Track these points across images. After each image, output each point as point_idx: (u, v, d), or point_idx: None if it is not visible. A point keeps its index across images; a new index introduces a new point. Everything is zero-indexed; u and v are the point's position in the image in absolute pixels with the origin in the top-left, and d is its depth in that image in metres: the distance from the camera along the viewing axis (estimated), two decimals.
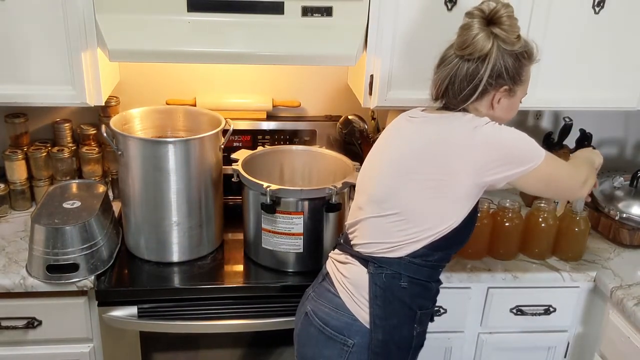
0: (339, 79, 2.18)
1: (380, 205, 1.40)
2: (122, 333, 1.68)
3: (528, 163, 1.33)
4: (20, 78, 1.67)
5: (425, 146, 1.36)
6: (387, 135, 1.51)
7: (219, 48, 1.64)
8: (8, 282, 1.60)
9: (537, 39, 1.77)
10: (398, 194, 1.37)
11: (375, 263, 1.39)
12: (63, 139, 2.04)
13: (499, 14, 1.33)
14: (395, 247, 1.37)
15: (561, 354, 1.93)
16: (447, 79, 1.37)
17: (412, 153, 1.37)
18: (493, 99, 1.38)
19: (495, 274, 1.77)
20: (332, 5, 1.65)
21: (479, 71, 1.33)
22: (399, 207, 1.36)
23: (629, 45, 1.82)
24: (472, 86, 1.35)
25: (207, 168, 1.72)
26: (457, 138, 1.33)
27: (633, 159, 2.42)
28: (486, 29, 1.33)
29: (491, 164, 1.31)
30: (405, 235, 1.37)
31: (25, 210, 1.99)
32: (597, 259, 1.87)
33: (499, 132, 1.33)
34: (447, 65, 1.37)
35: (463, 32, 1.35)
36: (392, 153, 1.43)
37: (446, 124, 1.37)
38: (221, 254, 1.84)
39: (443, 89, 1.39)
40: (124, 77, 2.08)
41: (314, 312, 1.45)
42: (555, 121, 2.31)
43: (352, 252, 1.45)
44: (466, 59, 1.34)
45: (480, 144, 1.31)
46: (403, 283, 1.38)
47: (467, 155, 1.31)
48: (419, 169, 1.35)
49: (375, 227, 1.41)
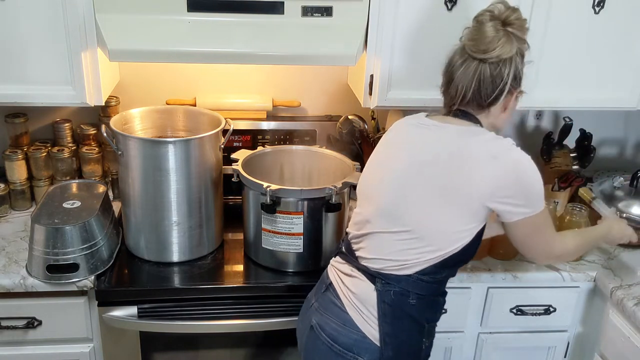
0: (339, 79, 2.18)
1: (390, 221, 1.36)
2: (122, 333, 1.68)
3: (532, 207, 1.32)
4: (20, 78, 1.67)
5: (443, 157, 1.32)
6: (394, 141, 1.46)
7: (219, 48, 1.64)
8: (8, 282, 1.60)
9: (537, 39, 1.78)
10: (409, 209, 1.34)
11: (382, 280, 1.36)
12: (63, 139, 2.04)
13: (514, 16, 1.32)
14: (404, 266, 1.35)
15: (561, 354, 1.93)
16: (473, 83, 1.33)
17: (427, 164, 1.33)
18: (508, 102, 1.37)
19: (495, 274, 1.77)
20: (332, 5, 1.65)
21: (503, 75, 1.31)
22: (410, 224, 1.33)
23: (628, 45, 1.82)
24: (498, 90, 1.32)
25: (207, 168, 1.72)
26: (479, 156, 1.30)
27: (633, 159, 2.42)
28: (507, 32, 1.31)
29: (505, 191, 1.29)
30: (416, 254, 1.34)
31: (25, 210, 1.99)
32: (597, 259, 1.87)
33: (525, 166, 1.30)
34: (467, 69, 1.33)
35: (483, 36, 1.31)
36: (403, 162, 1.38)
37: (467, 137, 1.33)
38: (221, 254, 1.84)
39: (469, 94, 1.34)
40: (124, 77, 2.08)
41: (320, 327, 1.42)
42: (555, 121, 2.31)
43: (357, 265, 1.42)
44: (489, 62, 1.30)
45: (503, 169, 1.28)
46: (412, 300, 1.36)
47: (486, 175, 1.28)
48: (433, 180, 1.31)
49: (384, 243, 1.37)
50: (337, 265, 1.48)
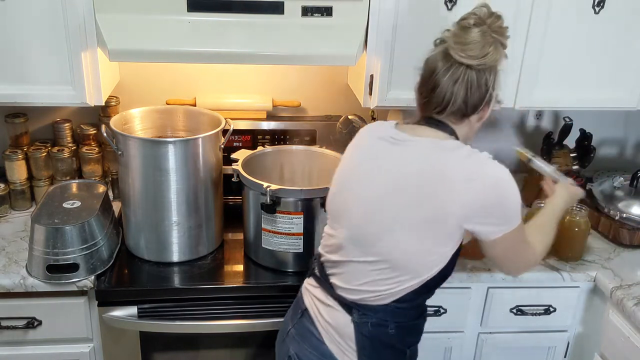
0: (339, 79, 2.18)
1: (363, 249, 1.30)
2: (122, 333, 1.68)
3: (511, 223, 1.26)
4: (20, 78, 1.67)
5: (416, 180, 1.24)
6: (362, 158, 1.37)
7: (219, 48, 1.64)
8: (8, 282, 1.60)
9: (537, 39, 1.79)
10: (382, 238, 1.27)
11: (359, 310, 1.32)
12: (63, 139, 2.04)
13: (498, 23, 1.27)
14: (380, 296, 1.30)
15: (561, 354, 1.93)
16: (462, 91, 1.26)
17: (400, 188, 1.26)
18: (485, 111, 1.31)
19: (495, 274, 1.77)
20: (332, 5, 1.65)
21: (488, 82, 1.26)
22: (383, 253, 1.27)
23: (628, 45, 1.82)
24: (483, 98, 1.28)
25: (207, 168, 1.72)
26: (454, 178, 1.22)
27: (633, 159, 2.42)
28: (495, 39, 1.26)
29: (482, 212, 1.23)
30: (392, 284, 1.29)
31: (25, 210, 1.99)
32: (597, 259, 1.87)
33: (503, 182, 1.23)
34: (454, 75, 1.25)
35: (473, 41, 1.24)
36: (373, 186, 1.30)
37: (442, 154, 1.25)
38: (221, 254, 1.84)
39: (458, 102, 1.27)
40: (124, 77, 2.08)
41: (299, 358, 1.38)
42: (555, 121, 2.31)
43: (332, 293, 1.36)
44: (476, 69, 1.24)
45: (480, 190, 1.21)
46: (391, 330, 1.33)
47: (463, 199, 1.21)
48: (406, 206, 1.24)
49: (359, 273, 1.32)
50: (311, 290, 1.43)
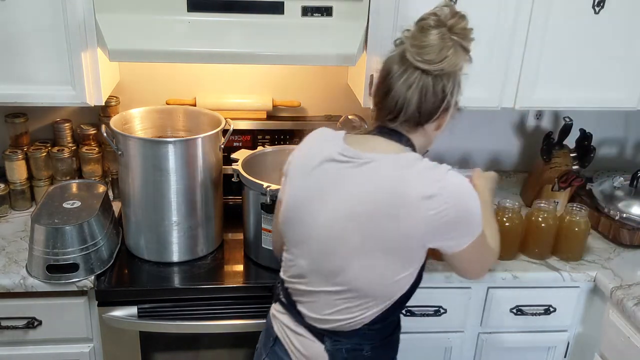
0: (339, 79, 2.18)
1: (326, 279, 1.25)
2: (122, 333, 1.68)
3: (474, 232, 1.21)
4: (20, 78, 1.67)
5: (374, 205, 1.17)
6: (315, 182, 1.26)
7: (219, 48, 1.64)
8: (8, 282, 1.60)
9: (537, 39, 1.78)
10: (346, 269, 1.21)
11: (331, 338, 1.27)
12: (63, 139, 2.04)
13: (461, 25, 1.19)
14: (350, 323, 1.26)
15: (561, 354, 1.93)
16: (415, 97, 1.18)
17: (358, 215, 1.18)
18: (443, 120, 1.24)
19: (495, 274, 1.77)
20: (332, 5, 1.65)
21: (445, 89, 1.18)
22: (347, 282, 1.22)
23: (628, 45, 1.82)
24: (439, 106, 1.19)
25: (207, 168, 1.72)
26: (413, 198, 1.14)
27: (633, 159, 2.42)
28: (455, 42, 1.18)
29: (445, 228, 1.17)
30: (360, 311, 1.24)
31: (25, 210, 1.99)
32: (597, 259, 1.87)
33: (463, 194, 1.17)
34: (408, 80, 1.18)
35: (429, 44, 1.17)
36: (333, 214, 1.21)
37: (399, 172, 1.17)
38: (221, 254, 1.84)
39: (410, 109, 1.19)
40: (124, 77, 2.08)
41: None
42: (555, 121, 2.31)
43: (301, 321, 1.31)
44: (433, 74, 1.17)
45: (442, 206, 1.14)
46: (366, 352, 1.29)
47: (424, 219, 1.14)
48: (366, 232, 1.18)
49: (326, 303, 1.26)
50: (280, 317, 1.37)
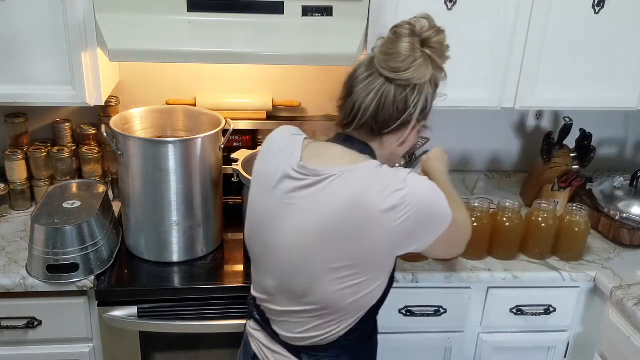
0: (339, 79, 2.17)
1: (295, 299, 1.22)
2: (122, 333, 1.68)
3: (442, 226, 1.15)
4: (20, 78, 1.67)
5: (336, 223, 1.12)
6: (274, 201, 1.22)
7: (219, 48, 1.64)
8: (8, 282, 1.60)
9: (537, 39, 1.78)
10: (314, 288, 1.17)
11: (308, 354, 1.25)
12: (63, 139, 2.04)
13: (437, 39, 1.16)
14: (325, 338, 1.23)
15: (561, 354, 1.93)
16: (373, 103, 1.14)
17: (321, 233, 1.14)
18: (407, 135, 1.19)
19: (495, 274, 1.77)
20: (332, 5, 1.65)
21: (408, 101, 1.13)
22: (317, 301, 1.19)
23: (628, 45, 1.82)
24: (398, 118, 1.15)
25: (207, 168, 1.72)
26: (375, 210, 1.09)
27: (633, 159, 2.42)
28: (425, 54, 1.14)
29: (411, 234, 1.13)
30: (333, 325, 1.21)
31: (25, 210, 1.99)
32: (597, 259, 1.87)
33: (423, 195, 1.11)
34: (370, 85, 1.14)
35: (397, 52, 1.13)
36: (296, 233, 1.18)
37: (354, 185, 1.12)
38: (221, 254, 1.84)
39: (367, 115, 1.15)
40: (124, 77, 2.08)
41: None
42: (555, 121, 2.31)
43: (277, 339, 1.29)
44: (397, 83, 1.13)
45: (405, 215, 1.09)
46: None
47: (389, 230, 1.11)
48: (331, 249, 1.14)
49: (298, 322, 1.24)
50: (255, 335, 1.35)
